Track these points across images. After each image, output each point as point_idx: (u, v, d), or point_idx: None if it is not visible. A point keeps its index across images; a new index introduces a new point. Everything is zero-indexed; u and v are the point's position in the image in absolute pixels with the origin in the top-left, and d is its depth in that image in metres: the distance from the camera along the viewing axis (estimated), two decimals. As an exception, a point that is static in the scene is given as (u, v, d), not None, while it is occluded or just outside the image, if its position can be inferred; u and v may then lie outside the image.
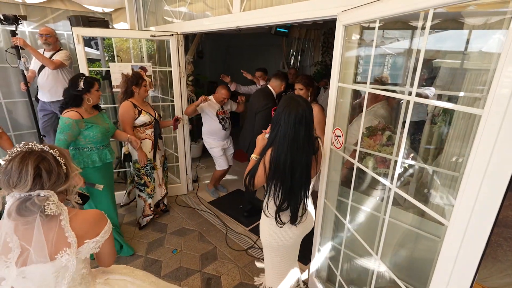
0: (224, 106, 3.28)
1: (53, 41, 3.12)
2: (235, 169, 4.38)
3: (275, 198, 1.41)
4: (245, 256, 2.52)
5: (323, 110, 2.44)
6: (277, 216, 1.45)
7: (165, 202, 3.12)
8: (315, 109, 2.28)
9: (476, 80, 1.41)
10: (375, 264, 1.47)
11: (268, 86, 2.87)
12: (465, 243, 0.91)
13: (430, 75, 2.11)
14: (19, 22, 2.59)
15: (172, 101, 3.27)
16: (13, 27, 2.60)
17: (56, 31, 3.48)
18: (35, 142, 0.94)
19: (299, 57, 6.00)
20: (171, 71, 3.11)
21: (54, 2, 3.30)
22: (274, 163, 1.35)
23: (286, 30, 5.27)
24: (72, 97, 2.06)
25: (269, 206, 1.49)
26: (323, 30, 5.63)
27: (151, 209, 2.85)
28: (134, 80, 2.54)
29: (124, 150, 2.52)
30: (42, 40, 3.06)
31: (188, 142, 3.50)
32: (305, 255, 2.29)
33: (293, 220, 1.47)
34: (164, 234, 2.80)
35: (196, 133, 4.57)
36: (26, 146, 0.92)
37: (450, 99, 1.67)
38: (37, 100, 3.14)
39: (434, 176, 1.63)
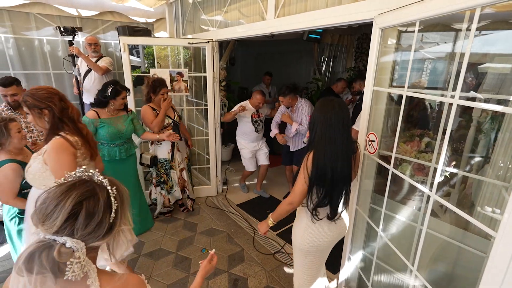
0: (260, 110, 3.46)
1: (99, 49, 3.45)
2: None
3: (314, 196, 1.41)
4: (272, 260, 2.52)
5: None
6: (314, 212, 1.44)
7: (189, 205, 3.29)
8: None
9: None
10: (411, 277, 1.39)
11: None
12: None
13: (476, 81, 1.98)
14: (76, 33, 2.89)
15: (206, 105, 3.40)
16: (70, 38, 2.91)
17: (105, 41, 3.83)
18: (97, 171, 0.75)
19: (330, 63, 5.92)
20: (205, 77, 3.25)
21: (104, 14, 3.64)
22: (315, 164, 1.36)
23: (318, 36, 5.24)
24: (99, 100, 2.33)
25: (308, 200, 1.47)
26: (357, 35, 5.52)
27: (170, 203, 3.10)
28: (151, 89, 2.75)
29: (149, 156, 2.77)
30: (90, 48, 3.37)
31: (219, 145, 3.61)
32: (333, 264, 2.23)
33: (333, 215, 1.46)
34: (194, 233, 2.89)
35: (226, 137, 4.68)
36: (86, 173, 0.73)
37: (499, 104, 1.55)
38: (79, 103, 3.40)
39: (480, 186, 1.51)
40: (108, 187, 0.72)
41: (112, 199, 0.72)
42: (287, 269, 2.41)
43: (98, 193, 0.70)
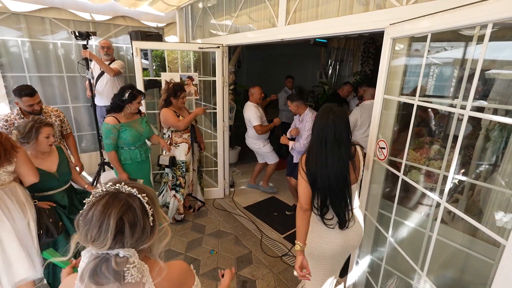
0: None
1: (111, 52, 3.52)
2: (271, 177, 4.45)
3: (314, 202, 1.47)
4: (279, 262, 2.55)
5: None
6: (322, 219, 1.48)
7: (196, 206, 3.38)
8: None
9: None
10: (420, 283, 1.42)
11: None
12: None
13: (484, 87, 2.00)
14: (90, 38, 2.97)
15: (214, 108, 3.45)
16: (84, 42, 2.98)
17: (117, 45, 3.91)
18: (123, 183, 0.77)
19: (337, 67, 5.95)
20: (214, 80, 3.31)
21: (117, 19, 3.72)
22: (308, 168, 1.43)
23: (325, 40, 5.28)
24: (116, 105, 2.36)
25: (314, 204, 1.52)
26: (363, 39, 5.55)
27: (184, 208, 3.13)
28: (173, 93, 2.80)
29: (168, 156, 2.78)
30: (103, 51, 3.45)
31: (228, 148, 3.65)
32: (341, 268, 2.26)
33: (341, 224, 1.49)
34: (202, 235, 2.94)
35: (233, 140, 4.73)
36: (113, 187, 0.75)
37: (508, 113, 1.58)
38: (92, 106, 3.48)
39: (489, 193, 1.54)
40: (139, 196, 0.76)
41: (146, 206, 0.76)
42: (294, 272, 2.43)
43: (132, 204, 0.74)
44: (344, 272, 2.23)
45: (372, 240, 1.98)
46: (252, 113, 3.41)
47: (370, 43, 5.53)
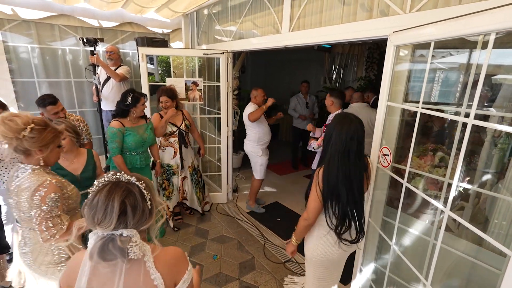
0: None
1: (115, 57, 3.57)
2: (274, 181, 4.46)
3: (331, 216, 1.43)
4: (282, 269, 2.54)
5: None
6: (339, 233, 1.44)
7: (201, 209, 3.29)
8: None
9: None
10: (424, 291, 1.40)
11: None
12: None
13: (491, 93, 1.98)
14: (98, 44, 3.03)
15: (218, 113, 3.48)
16: (91, 48, 3.04)
17: (123, 50, 3.98)
18: (122, 172, 0.87)
19: (341, 72, 5.96)
20: (218, 86, 3.33)
21: (124, 25, 3.80)
22: (326, 179, 1.38)
23: (329, 46, 5.31)
24: (121, 110, 2.40)
25: (328, 222, 1.47)
26: (367, 45, 5.56)
27: (170, 210, 3.04)
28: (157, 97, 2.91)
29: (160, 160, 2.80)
30: (106, 55, 3.53)
31: (231, 152, 3.66)
32: (344, 275, 2.23)
33: (359, 236, 1.48)
34: (205, 240, 2.94)
35: (237, 145, 4.75)
36: (114, 177, 0.85)
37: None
38: (98, 110, 3.51)
39: (495, 201, 1.52)
40: (137, 183, 0.85)
41: (144, 191, 0.85)
42: (297, 279, 2.42)
43: (132, 190, 0.83)
44: (347, 279, 2.21)
45: (376, 247, 1.96)
46: (250, 108, 3.19)
47: (374, 49, 5.55)
